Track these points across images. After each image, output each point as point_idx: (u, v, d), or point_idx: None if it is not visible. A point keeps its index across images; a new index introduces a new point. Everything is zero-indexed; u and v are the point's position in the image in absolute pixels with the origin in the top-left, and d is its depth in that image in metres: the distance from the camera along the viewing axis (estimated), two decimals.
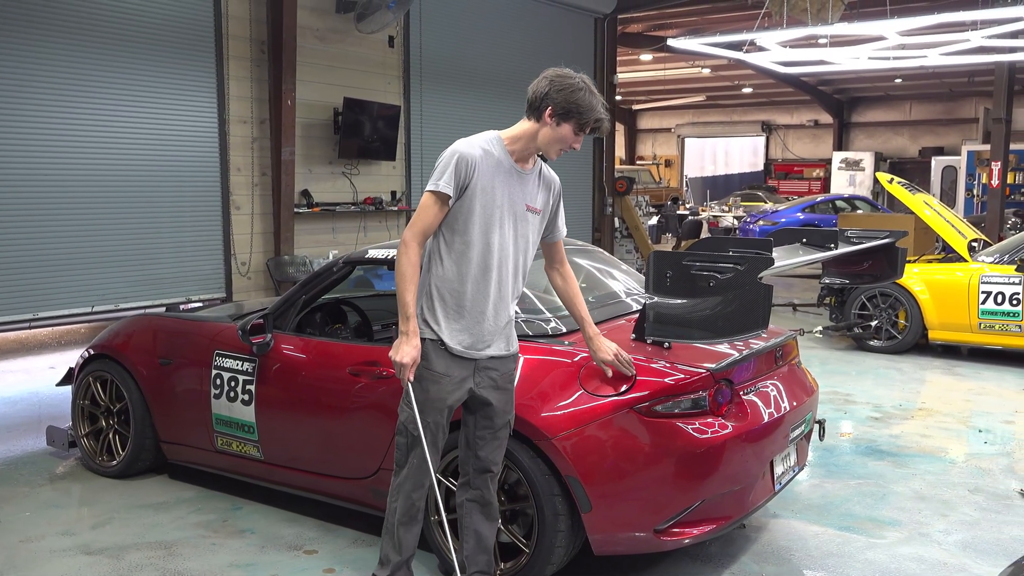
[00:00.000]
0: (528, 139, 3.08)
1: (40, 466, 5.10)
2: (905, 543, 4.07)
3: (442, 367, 3.08)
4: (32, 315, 7.58)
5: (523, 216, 3.12)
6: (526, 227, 3.13)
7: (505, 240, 3.07)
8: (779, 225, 16.17)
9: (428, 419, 3.10)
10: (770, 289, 3.28)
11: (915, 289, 8.06)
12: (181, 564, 3.81)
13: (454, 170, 2.98)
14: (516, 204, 3.09)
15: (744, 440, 3.44)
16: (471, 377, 3.12)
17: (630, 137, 32.82)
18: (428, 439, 3.09)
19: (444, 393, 3.10)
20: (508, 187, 3.06)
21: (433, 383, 3.09)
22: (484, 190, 3.01)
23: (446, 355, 3.08)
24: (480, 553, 3.28)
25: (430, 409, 3.10)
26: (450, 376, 3.09)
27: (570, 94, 2.99)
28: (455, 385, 3.10)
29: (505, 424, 3.24)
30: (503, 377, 3.20)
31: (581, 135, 3.05)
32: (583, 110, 2.99)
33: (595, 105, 3.01)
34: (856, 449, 5.47)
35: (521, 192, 3.10)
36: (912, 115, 27.28)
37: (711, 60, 20.52)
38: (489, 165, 3.03)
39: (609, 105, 6.93)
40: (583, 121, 3.00)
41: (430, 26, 11.00)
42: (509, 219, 3.07)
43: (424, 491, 3.20)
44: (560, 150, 3.07)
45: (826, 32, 9.96)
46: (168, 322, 4.87)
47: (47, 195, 7.61)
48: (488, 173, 3.02)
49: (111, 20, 7.96)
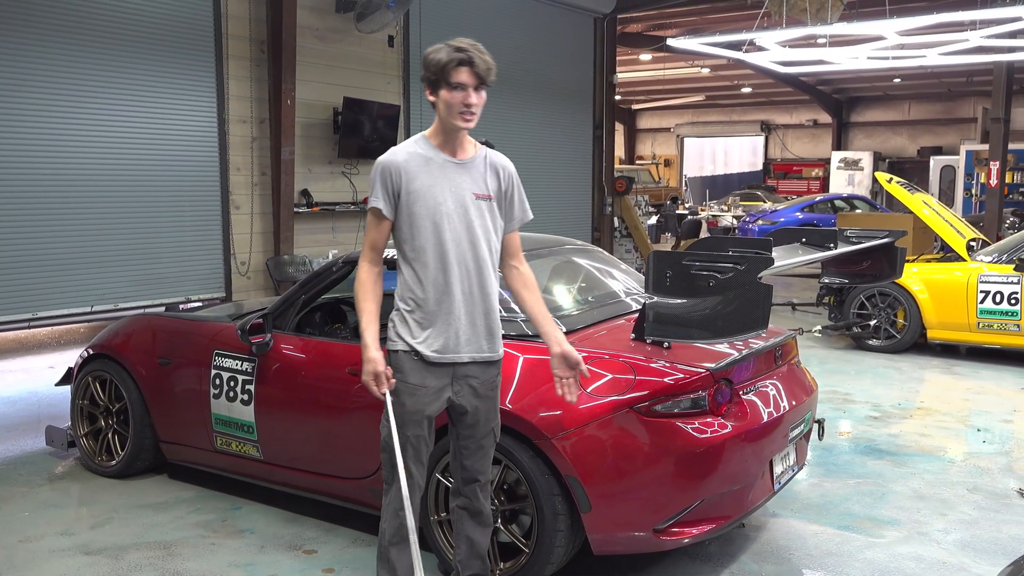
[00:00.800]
0: (441, 126, 2.98)
1: (39, 466, 5.10)
2: (904, 542, 4.07)
3: (417, 378, 2.97)
4: (31, 315, 7.58)
5: (474, 204, 2.97)
6: (481, 215, 2.98)
7: (458, 234, 2.95)
8: (778, 225, 16.18)
9: (408, 433, 2.97)
10: (770, 289, 3.29)
11: (914, 288, 8.06)
12: (180, 564, 3.81)
13: (380, 183, 2.95)
14: (462, 195, 2.96)
15: (743, 440, 3.44)
16: (449, 386, 3.00)
17: (629, 137, 32.82)
18: (410, 454, 2.98)
19: (421, 405, 2.98)
20: (446, 181, 2.95)
21: (409, 395, 2.97)
22: (419, 191, 2.92)
23: (420, 365, 2.96)
24: (473, 558, 3.21)
25: (409, 422, 2.97)
26: (426, 387, 2.97)
27: (426, 65, 2.89)
28: (432, 396, 2.98)
29: (489, 433, 3.10)
30: (484, 385, 3.05)
31: (462, 89, 2.84)
32: (440, 66, 2.83)
33: (447, 53, 2.84)
34: (855, 448, 5.47)
35: (464, 181, 2.97)
36: (911, 115, 27.30)
37: (710, 60, 20.52)
38: (416, 165, 2.94)
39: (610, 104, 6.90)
40: (446, 74, 2.83)
41: (430, 26, 11.00)
42: (458, 212, 2.95)
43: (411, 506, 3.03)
44: (461, 115, 2.87)
45: (825, 32, 9.97)
46: (167, 322, 4.87)
47: (46, 195, 7.61)
48: (418, 173, 2.93)
49: (111, 20, 7.96)
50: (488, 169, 3.04)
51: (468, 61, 2.83)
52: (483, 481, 3.16)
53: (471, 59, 2.83)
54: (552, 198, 13.07)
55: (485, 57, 2.88)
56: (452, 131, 2.95)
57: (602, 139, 13.99)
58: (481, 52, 2.88)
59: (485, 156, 3.05)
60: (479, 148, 3.07)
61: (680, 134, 32.42)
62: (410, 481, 2.99)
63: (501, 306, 3.82)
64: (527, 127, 12.52)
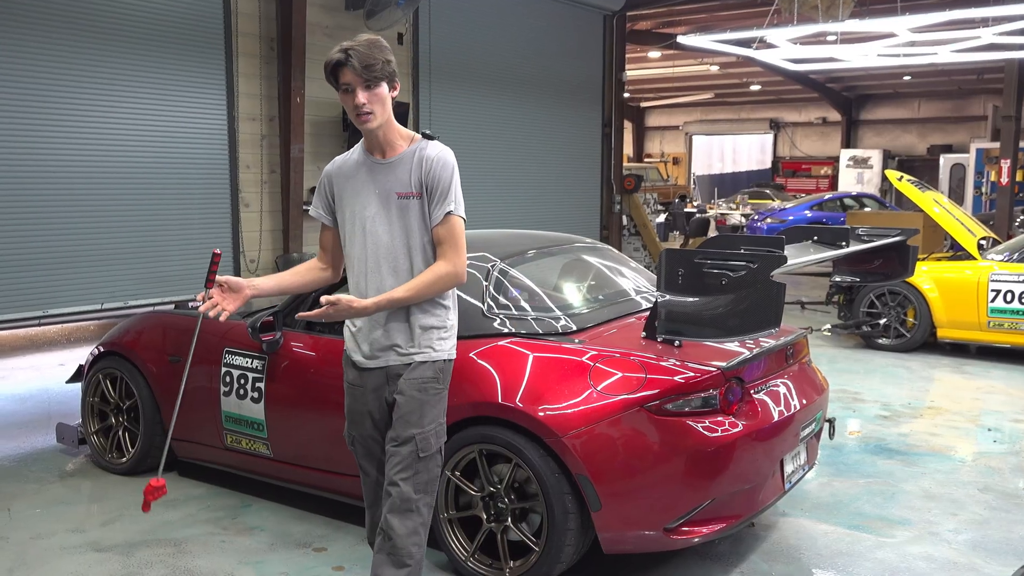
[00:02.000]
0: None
1: (50, 463, 5.12)
2: (915, 542, 4.06)
3: (352, 377, 2.98)
4: (42, 312, 7.61)
5: (397, 205, 2.86)
6: (405, 216, 2.86)
7: (379, 238, 2.87)
8: (787, 223, 16.12)
9: (354, 432, 3.01)
10: (783, 287, 3.27)
11: (924, 287, 8.03)
12: (191, 561, 3.82)
13: (317, 191, 3.03)
14: (385, 196, 2.87)
15: (754, 439, 3.43)
16: (385, 386, 2.92)
17: (638, 135, 32.76)
18: (360, 452, 3.01)
19: (361, 404, 2.96)
20: (369, 184, 2.89)
21: (349, 395, 3.01)
22: (344, 197, 2.94)
23: (353, 366, 2.98)
24: None
25: (353, 422, 3.01)
26: (363, 386, 2.95)
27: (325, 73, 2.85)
28: (372, 394, 2.93)
29: (410, 439, 2.82)
30: (409, 384, 2.86)
31: (349, 91, 2.76)
32: (327, 71, 2.80)
33: (329, 57, 2.77)
34: (865, 448, 5.45)
35: (389, 182, 2.87)
36: (921, 112, 27.18)
37: (719, 57, 20.48)
38: (345, 171, 2.95)
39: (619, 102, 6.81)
40: (334, 78, 2.79)
41: (439, 23, 10.99)
42: (380, 214, 2.87)
43: (376, 507, 3.03)
44: (358, 117, 2.79)
45: (836, 29, 9.92)
46: (178, 319, 4.88)
47: (57, 193, 7.64)
48: (344, 179, 2.94)
49: (121, 18, 7.98)
50: (415, 164, 2.87)
51: (344, 61, 2.73)
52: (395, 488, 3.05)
53: (347, 58, 2.74)
54: (560, 196, 13.05)
55: (365, 52, 2.73)
56: (374, 135, 2.86)
57: (611, 137, 13.96)
58: (363, 48, 2.74)
59: (415, 151, 2.88)
60: (415, 142, 2.91)
61: (689, 132, 32.35)
62: (365, 479, 3.05)
63: (511, 304, 3.84)
64: (536, 125, 12.50)
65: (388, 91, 2.82)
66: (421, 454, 2.83)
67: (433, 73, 11.01)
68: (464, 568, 3.57)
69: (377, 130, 2.84)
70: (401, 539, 2.79)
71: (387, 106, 2.84)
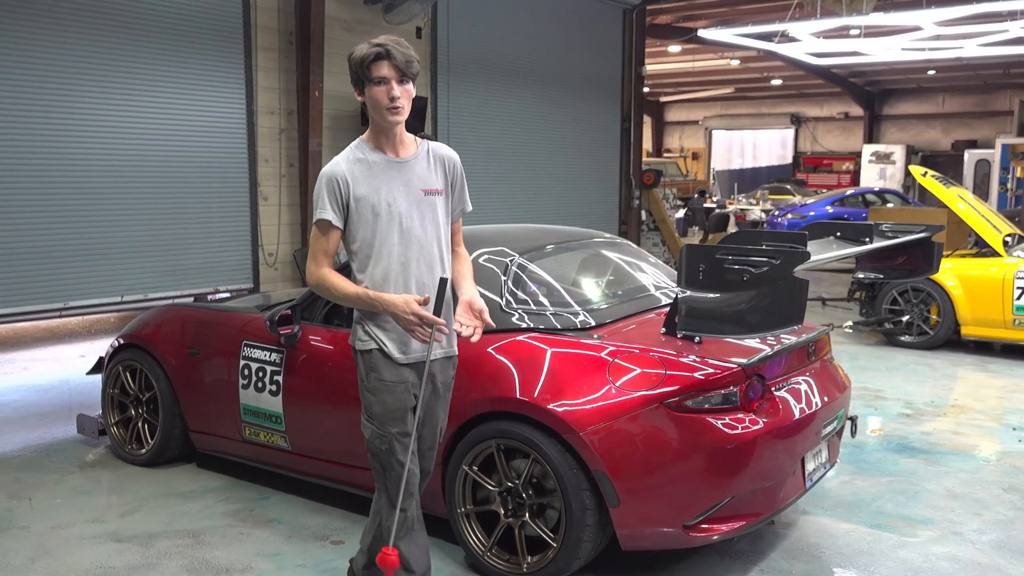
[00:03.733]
0: (375, 126, 2.97)
1: (70, 454, 5.16)
2: (938, 542, 4.00)
3: (393, 375, 2.97)
4: (63, 304, 7.66)
5: (424, 201, 2.98)
6: (433, 211, 3.00)
7: (414, 232, 2.95)
8: (808, 219, 16.00)
9: (393, 430, 2.97)
10: (805, 283, 3.23)
11: (948, 284, 7.93)
12: (209, 553, 3.83)
13: (327, 194, 2.92)
14: (411, 192, 2.96)
15: (775, 436, 3.40)
16: (418, 384, 2.98)
17: (657, 130, 32.62)
18: (399, 449, 2.98)
19: (402, 401, 2.98)
20: (392, 181, 2.94)
21: (388, 393, 2.97)
22: (367, 196, 2.92)
23: (392, 362, 2.97)
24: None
25: (392, 420, 2.97)
26: (404, 382, 2.98)
27: (350, 65, 2.91)
28: (411, 389, 2.99)
29: (440, 432, 3.18)
30: (443, 385, 3.11)
31: (385, 83, 2.83)
32: (360, 63, 2.85)
33: (366, 49, 2.85)
34: (887, 446, 5.39)
35: (411, 179, 2.97)
36: (945, 107, 26.87)
37: (740, 52, 20.32)
38: (360, 171, 2.94)
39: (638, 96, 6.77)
40: (367, 71, 2.84)
41: (457, 17, 10.96)
42: (410, 210, 2.95)
43: (414, 499, 3.05)
44: (388, 111, 2.85)
45: (860, 22, 9.81)
46: (197, 312, 4.89)
47: (78, 186, 7.68)
48: (363, 179, 2.93)
49: (142, 13, 8.01)
50: (435, 163, 3.03)
51: (386, 54, 2.83)
52: (427, 478, 3.22)
53: (388, 52, 2.82)
54: (579, 191, 13.00)
55: (404, 50, 2.87)
56: (385, 128, 2.94)
57: (630, 132, 13.89)
58: (400, 46, 2.87)
59: (428, 150, 3.04)
60: (420, 143, 3.06)
61: (708, 127, 32.17)
62: (403, 472, 2.98)
63: (529, 299, 3.82)
64: (555, 119, 12.45)
65: (412, 89, 2.93)
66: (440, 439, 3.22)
67: (451, 68, 10.99)
68: (481, 563, 3.56)
69: (399, 126, 2.94)
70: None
71: (410, 104, 2.94)
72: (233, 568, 3.69)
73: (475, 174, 11.17)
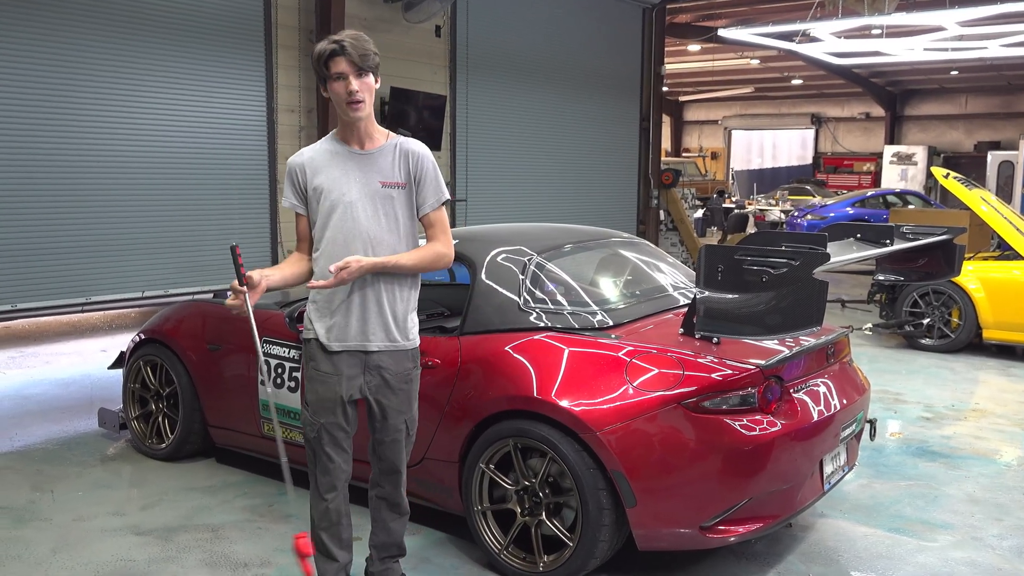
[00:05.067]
0: (340, 120, 3.03)
1: (92, 447, 5.21)
2: (957, 547, 3.97)
3: (328, 366, 3.01)
4: (85, 299, 7.74)
5: (380, 193, 3.00)
6: (389, 204, 3.01)
7: (359, 226, 2.97)
8: (828, 220, 15.88)
9: (322, 420, 3.03)
10: (825, 285, 3.21)
11: (970, 287, 7.86)
12: (228, 547, 3.86)
13: (288, 182, 3.07)
14: (368, 184, 2.99)
15: (793, 438, 3.38)
16: (360, 375, 3.03)
17: (676, 129, 32.52)
18: (327, 440, 3.04)
19: (333, 393, 3.01)
20: (349, 172, 2.99)
21: (320, 383, 3.03)
22: (322, 184, 2.99)
23: (326, 352, 3.02)
24: (391, 545, 3.30)
25: (322, 410, 3.03)
26: (338, 374, 3.01)
27: (312, 62, 2.98)
28: (347, 382, 3.02)
29: (402, 426, 3.12)
30: (396, 377, 3.07)
31: (342, 80, 2.89)
32: (319, 59, 2.92)
33: (323, 46, 2.91)
34: (906, 449, 5.35)
35: (371, 171, 3.00)
36: (968, 108, 26.62)
37: (760, 51, 20.22)
38: (322, 161, 3.02)
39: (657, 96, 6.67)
40: (325, 67, 2.91)
41: (477, 16, 10.97)
42: (363, 202, 2.98)
43: (338, 492, 3.11)
44: (348, 105, 2.91)
45: (882, 22, 9.73)
46: (217, 308, 4.93)
47: (100, 183, 7.76)
48: (322, 168, 3.01)
49: (164, 11, 8.07)
50: (399, 157, 3.05)
51: (341, 50, 2.89)
52: (402, 473, 3.21)
53: (343, 47, 2.88)
54: (597, 190, 12.98)
55: (360, 44, 2.91)
56: (349, 123, 3.00)
57: (649, 131, 13.85)
58: (357, 40, 2.92)
59: (396, 145, 3.07)
60: (391, 137, 3.09)
61: (728, 126, 32.03)
62: (331, 466, 3.07)
63: (547, 298, 3.82)
64: (573, 118, 12.44)
65: (374, 82, 2.98)
66: (411, 432, 3.18)
67: (470, 66, 11.00)
68: (498, 561, 3.57)
69: (362, 120, 2.98)
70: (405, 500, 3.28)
71: (373, 96, 2.99)
72: (251, 563, 3.72)
73: (493, 172, 11.25)
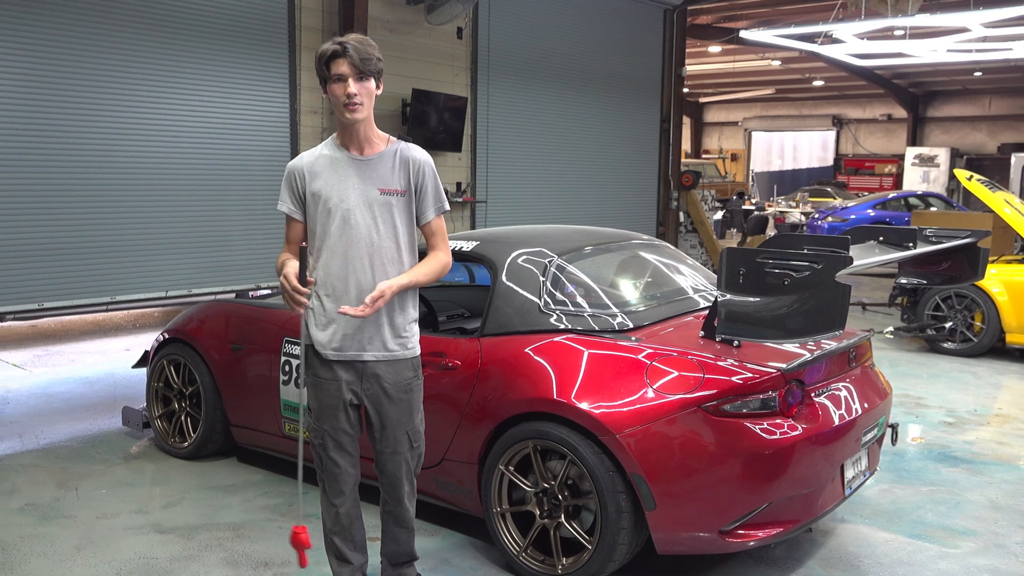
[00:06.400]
0: (340, 124, 2.99)
1: (115, 445, 5.27)
2: (980, 554, 3.94)
3: (326, 372, 3.01)
4: (110, 298, 7.82)
5: (379, 201, 2.97)
6: (388, 211, 2.98)
7: (358, 233, 2.95)
8: (849, 222, 15.77)
9: (325, 426, 3.04)
10: (848, 289, 3.19)
11: (993, 290, 7.78)
12: (249, 546, 3.89)
13: (285, 186, 3.04)
14: (367, 192, 2.96)
15: (814, 443, 3.37)
16: (358, 382, 3.02)
17: (696, 130, 32.39)
18: (332, 445, 3.05)
19: (334, 398, 3.00)
20: (349, 178, 2.96)
21: (320, 389, 3.03)
22: (321, 190, 2.96)
23: (323, 359, 3.01)
24: (401, 554, 3.29)
25: (325, 416, 3.03)
26: (336, 380, 3.00)
27: (315, 64, 2.95)
28: (345, 386, 3.01)
29: (403, 438, 3.08)
30: (395, 387, 3.04)
31: (342, 81, 2.89)
32: (320, 61, 2.91)
33: (325, 48, 2.91)
34: (928, 455, 5.31)
35: (370, 178, 2.97)
36: (992, 110, 26.33)
37: (781, 52, 20.10)
38: (321, 166, 2.99)
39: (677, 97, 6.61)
40: (326, 68, 2.90)
41: (498, 18, 10.99)
42: (361, 209, 2.95)
43: (347, 496, 3.13)
44: (345, 107, 2.90)
45: (905, 23, 9.66)
46: (240, 308, 4.97)
47: (125, 184, 7.84)
48: (322, 173, 2.98)
49: (189, 13, 8.15)
50: (398, 164, 3.02)
51: (343, 51, 2.87)
52: (406, 490, 3.17)
53: (345, 49, 2.87)
54: (617, 191, 12.96)
55: (362, 47, 2.90)
56: (347, 126, 2.98)
57: (669, 132, 13.81)
58: (361, 43, 2.91)
59: (396, 151, 3.04)
60: (392, 143, 3.06)
61: (748, 128, 31.87)
62: (337, 471, 3.07)
63: (567, 300, 3.82)
64: (594, 119, 12.43)
65: (375, 87, 2.97)
66: (414, 444, 3.12)
67: (492, 67, 11.01)
68: (516, 563, 3.58)
69: (360, 124, 2.96)
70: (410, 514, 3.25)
71: (372, 101, 2.98)
72: (272, 562, 3.75)
73: (513, 174, 11.26)
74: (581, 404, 3.36)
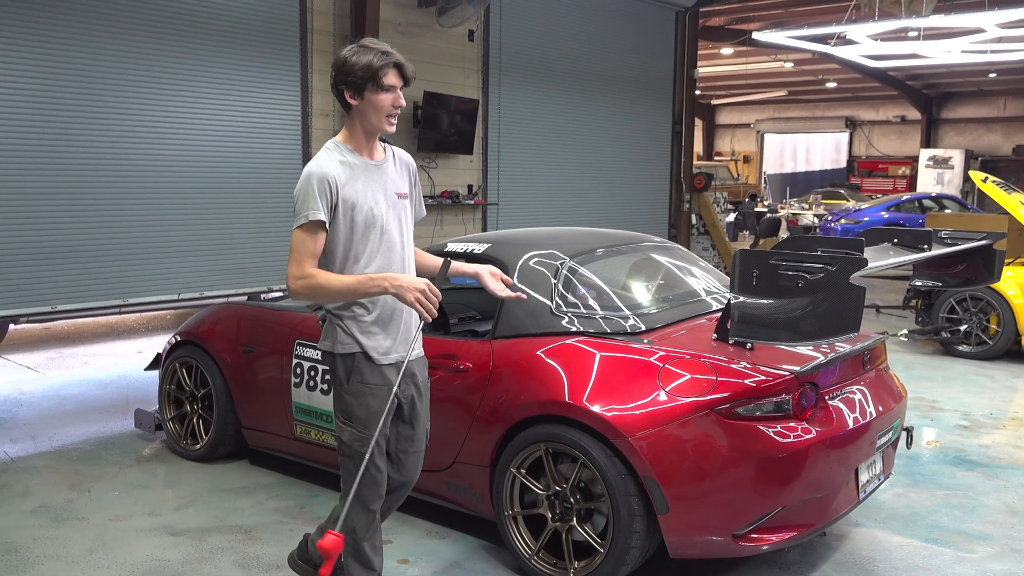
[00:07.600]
0: (358, 129, 2.92)
1: (128, 447, 5.29)
2: (996, 559, 3.89)
3: (377, 378, 2.94)
4: (122, 301, 7.86)
5: (398, 205, 3.01)
6: (404, 215, 3.03)
7: (392, 237, 2.96)
8: (862, 224, 15.69)
9: (374, 432, 2.92)
10: (862, 291, 3.16)
11: (1008, 293, 7.71)
12: (260, 548, 3.89)
13: (318, 193, 2.82)
14: (388, 196, 2.97)
15: (828, 446, 3.34)
16: (399, 384, 2.95)
17: (708, 132, 32.31)
18: (377, 452, 2.97)
19: (384, 404, 2.91)
20: (373, 184, 2.93)
21: (372, 396, 2.94)
22: (352, 198, 2.88)
23: (374, 364, 2.95)
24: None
25: (375, 422, 2.92)
26: (387, 385, 2.94)
27: (350, 68, 2.82)
28: (391, 393, 2.92)
29: (423, 434, 3.12)
30: (424, 383, 3.11)
31: (392, 91, 2.86)
32: (370, 68, 2.81)
33: (376, 56, 2.83)
34: (943, 458, 5.26)
35: (387, 183, 2.98)
36: (1006, 111, 26.15)
37: (794, 54, 20.02)
38: (345, 173, 2.88)
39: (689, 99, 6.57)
40: (376, 77, 2.81)
41: (510, 20, 10.99)
42: (388, 214, 2.96)
43: (382, 499, 3.05)
44: (388, 118, 2.87)
45: (919, 24, 9.60)
46: (251, 311, 4.98)
47: (138, 187, 7.87)
48: (349, 181, 2.88)
49: (200, 16, 8.18)
50: (401, 167, 3.06)
51: (398, 64, 2.87)
52: (410, 487, 3.16)
53: (400, 62, 2.87)
54: (629, 194, 12.94)
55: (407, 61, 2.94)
56: (372, 134, 2.94)
57: (681, 135, 13.78)
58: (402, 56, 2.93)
59: (394, 155, 3.07)
60: (385, 146, 3.07)
61: (760, 130, 31.76)
62: (379, 476, 3.00)
63: (579, 302, 3.81)
64: (605, 122, 12.41)
65: None
66: (427, 443, 3.17)
67: (503, 70, 11.02)
68: (528, 566, 3.57)
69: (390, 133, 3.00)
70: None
71: None
72: (283, 564, 3.74)
73: (525, 176, 11.25)
74: (593, 407, 3.35)
